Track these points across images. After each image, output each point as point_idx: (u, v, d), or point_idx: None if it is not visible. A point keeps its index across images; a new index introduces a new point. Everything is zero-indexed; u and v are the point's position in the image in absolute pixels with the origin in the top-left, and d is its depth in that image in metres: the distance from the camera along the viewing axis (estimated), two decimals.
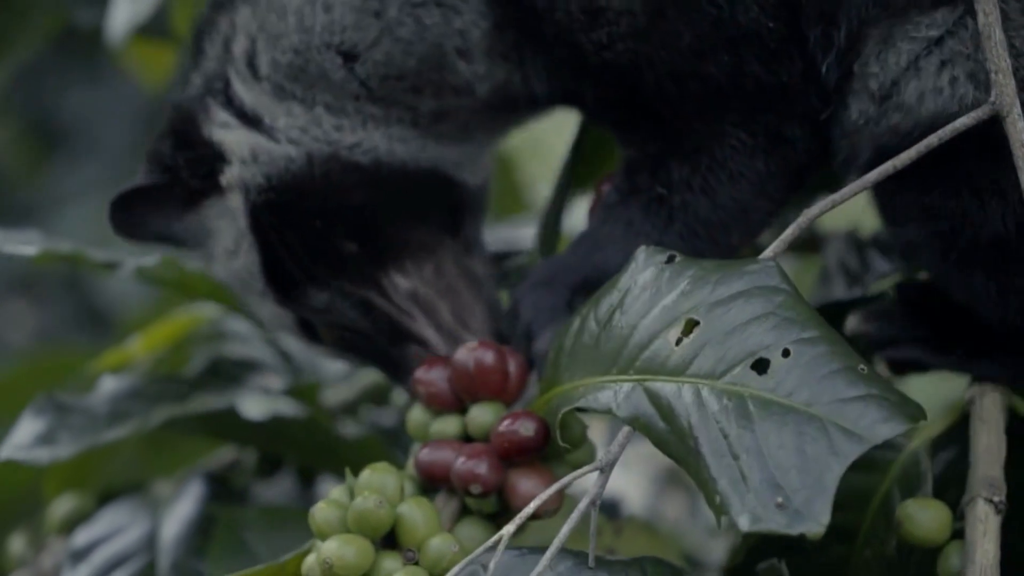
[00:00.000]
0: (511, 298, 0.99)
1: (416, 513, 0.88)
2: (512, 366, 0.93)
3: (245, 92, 0.99)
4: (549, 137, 1.25)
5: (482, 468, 0.89)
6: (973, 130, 0.84)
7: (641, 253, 0.85)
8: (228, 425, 1.14)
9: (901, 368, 0.99)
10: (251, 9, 0.98)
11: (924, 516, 0.89)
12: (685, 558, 1.37)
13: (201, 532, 1.13)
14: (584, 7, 0.94)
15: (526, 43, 0.96)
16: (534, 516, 0.87)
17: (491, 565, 0.80)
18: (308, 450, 1.16)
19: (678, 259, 0.84)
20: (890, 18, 0.89)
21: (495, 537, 0.81)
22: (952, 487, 0.92)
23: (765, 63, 0.92)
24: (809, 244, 1.17)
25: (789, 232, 0.84)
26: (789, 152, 0.94)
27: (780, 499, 0.75)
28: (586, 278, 0.95)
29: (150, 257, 1.14)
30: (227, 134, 0.99)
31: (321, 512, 0.88)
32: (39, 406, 1.14)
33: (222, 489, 1.19)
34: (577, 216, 1.12)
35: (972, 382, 0.95)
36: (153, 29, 1.40)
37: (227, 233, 1.01)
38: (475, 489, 0.89)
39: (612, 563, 0.83)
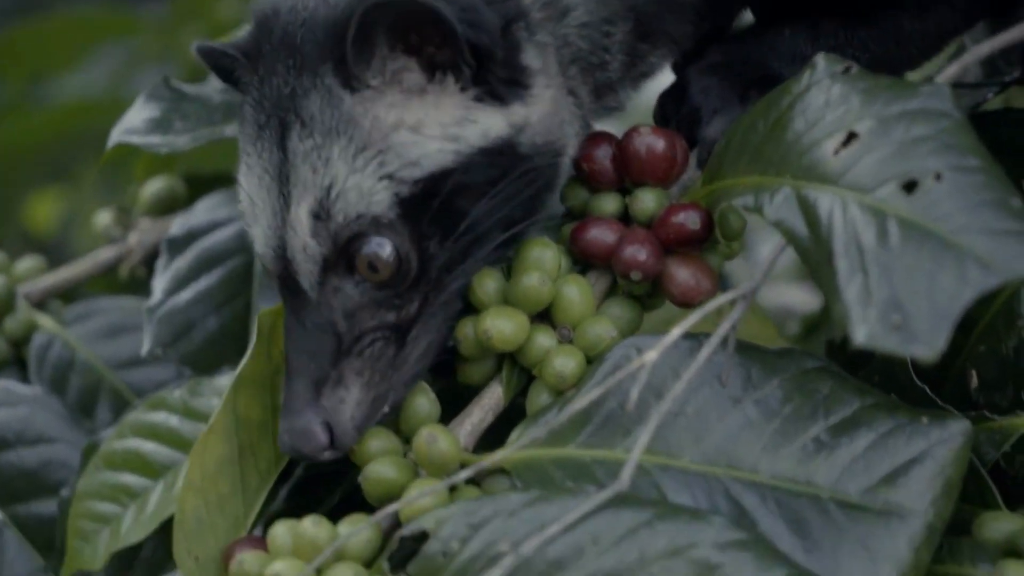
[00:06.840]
0: (679, 76, 0.99)
1: (574, 292, 0.90)
2: (678, 153, 0.93)
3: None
4: None
5: (644, 255, 0.90)
6: None
7: (820, 60, 0.86)
8: None
9: None
10: None
11: None
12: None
13: None
14: None
15: None
16: (688, 303, 0.89)
17: (651, 354, 0.83)
18: None
19: (854, 70, 0.85)
20: None
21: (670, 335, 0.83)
22: None
23: None
24: None
25: (962, 62, 0.88)
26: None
27: (897, 318, 0.76)
28: (764, 76, 0.96)
29: None
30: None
31: (480, 284, 0.90)
32: (154, 91, 1.12)
33: None
34: None
35: None
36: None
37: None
38: (635, 275, 0.90)
39: (766, 352, 0.87)
